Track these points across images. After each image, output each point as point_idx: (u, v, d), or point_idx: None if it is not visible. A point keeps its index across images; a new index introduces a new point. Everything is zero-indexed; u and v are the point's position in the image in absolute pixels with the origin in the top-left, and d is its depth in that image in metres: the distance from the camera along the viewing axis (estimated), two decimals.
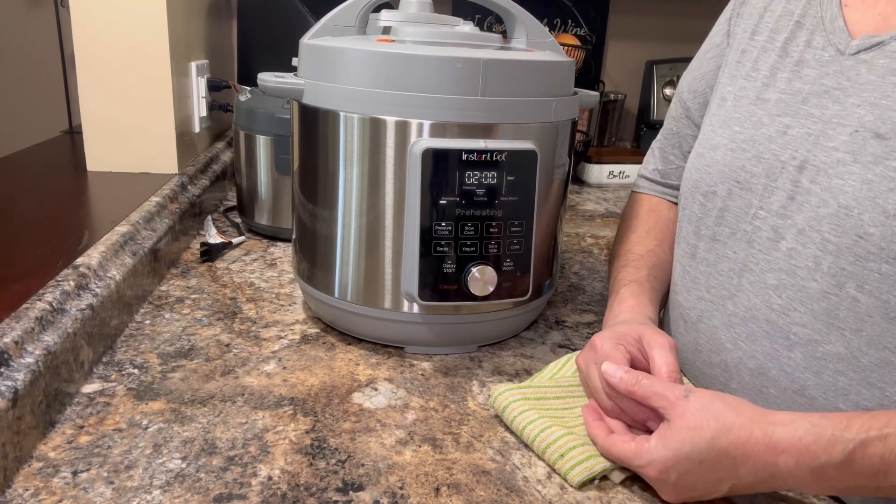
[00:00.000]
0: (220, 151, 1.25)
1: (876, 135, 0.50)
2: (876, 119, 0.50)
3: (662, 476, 0.48)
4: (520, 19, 0.75)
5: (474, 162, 0.62)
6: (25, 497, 0.47)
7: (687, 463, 0.47)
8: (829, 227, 0.52)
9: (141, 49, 0.96)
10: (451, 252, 0.64)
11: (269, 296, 0.82)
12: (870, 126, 0.50)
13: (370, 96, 0.63)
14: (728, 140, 0.61)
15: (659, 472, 0.48)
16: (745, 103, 0.60)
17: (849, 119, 0.52)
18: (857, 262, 0.50)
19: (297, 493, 0.49)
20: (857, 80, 0.52)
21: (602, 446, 0.52)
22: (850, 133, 0.51)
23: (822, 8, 0.57)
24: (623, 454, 0.50)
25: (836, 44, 0.55)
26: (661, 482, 0.49)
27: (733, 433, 0.46)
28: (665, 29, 1.69)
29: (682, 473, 0.47)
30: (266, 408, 0.59)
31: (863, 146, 0.50)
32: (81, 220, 0.83)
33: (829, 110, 0.53)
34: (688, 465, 0.47)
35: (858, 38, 0.53)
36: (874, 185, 0.49)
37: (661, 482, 0.49)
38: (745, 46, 0.63)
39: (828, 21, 0.56)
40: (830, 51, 0.55)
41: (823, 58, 0.55)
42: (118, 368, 0.64)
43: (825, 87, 0.54)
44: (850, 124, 0.52)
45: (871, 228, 0.49)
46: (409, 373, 0.67)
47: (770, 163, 0.56)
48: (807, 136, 0.54)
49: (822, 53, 0.55)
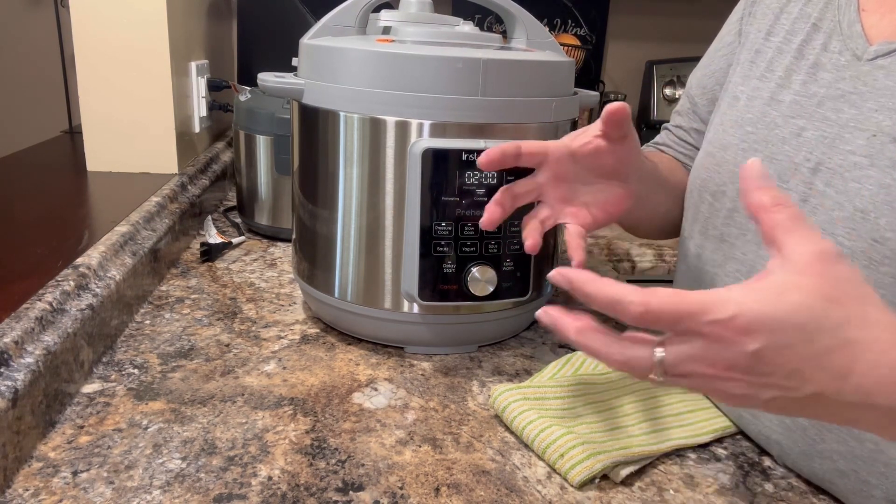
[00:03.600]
0: (220, 151, 1.25)
1: (894, 139, 0.50)
2: (894, 124, 0.50)
3: (741, 338, 0.35)
4: (520, 19, 0.75)
5: (474, 162, 0.62)
6: (25, 497, 0.47)
7: (792, 327, 0.35)
8: (844, 230, 0.52)
9: (141, 49, 0.97)
10: (451, 252, 0.64)
11: (269, 296, 0.82)
12: (888, 131, 0.50)
13: (370, 96, 0.63)
14: (740, 140, 0.60)
15: (739, 332, 0.35)
16: (759, 104, 0.60)
17: (866, 123, 0.52)
18: (872, 266, 0.50)
19: (297, 493, 0.49)
20: (875, 86, 0.52)
21: (613, 348, 0.39)
22: (868, 137, 0.51)
23: (839, 12, 0.57)
24: (678, 308, 0.36)
25: (854, 49, 0.55)
26: (730, 357, 0.36)
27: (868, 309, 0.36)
28: (665, 29, 1.69)
29: (776, 343, 0.35)
30: (266, 408, 0.59)
31: (881, 150, 0.50)
32: (81, 220, 0.82)
33: (846, 114, 0.53)
34: (793, 334, 0.35)
35: (876, 44, 0.53)
36: (892, 189, 0.49)
37: (728, 358, 0.36)
38: (760, 47, 0.63)
39: (845, 26, 0.56)
40: (847, 55, 0.55)
41: (840, 62, 0.55)
42: (118, 368, 0.64)
43: (841, 92, 0.54)
44: (867, 128, 0.51)
45: (888, 233, 0.49)
46: (409, 373, 0.67)
47: (783, 164, 0.56)
48: (822, 139, 0.54)
49: (838, 58, 0.55)
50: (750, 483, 0.53)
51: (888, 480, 0.47)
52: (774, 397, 0.37)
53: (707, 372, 0.37)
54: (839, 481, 0.51)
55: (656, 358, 0.38)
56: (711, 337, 0.36)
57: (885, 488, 0.48)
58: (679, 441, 0.56)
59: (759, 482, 0.54)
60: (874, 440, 0.48)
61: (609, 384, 0.63)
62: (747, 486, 0.53)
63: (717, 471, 0.55)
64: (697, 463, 0.55)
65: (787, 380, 0.36)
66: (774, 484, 0.53)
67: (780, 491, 0.53)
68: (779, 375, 0.36)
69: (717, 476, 0.54)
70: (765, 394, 0.37)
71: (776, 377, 0.36)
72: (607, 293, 0.38)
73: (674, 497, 0.51)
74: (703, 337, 0.36)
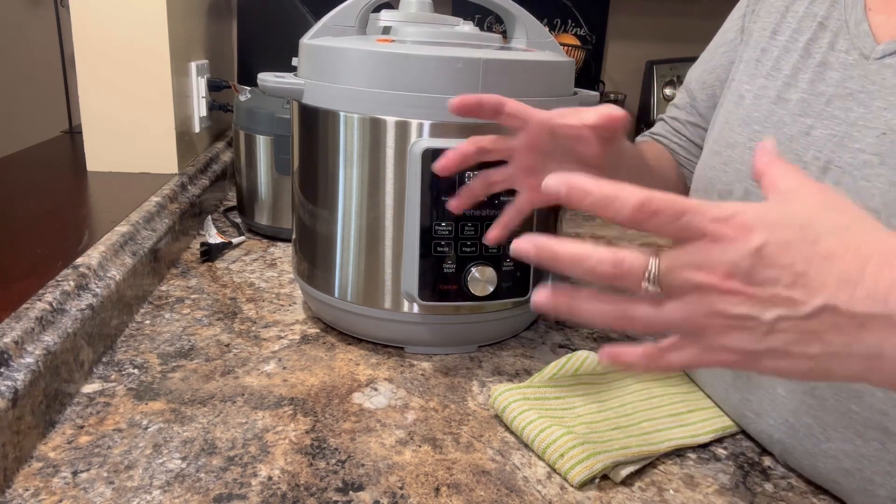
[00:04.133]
0: (220, 151, 1.25)
1: None
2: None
3: (743, 234, 0.33)
4: (520, 19, 0.75)
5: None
6: (25, 497, 0.47)
7: (795, 225, 0.33)
8: None
9: (141, 49, 0.97)
10: (451, 252, 0.64)
11: (269, 296, 0.82)
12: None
13: (370, 96, 0.63)
14: (747, 139, 0.60)
15: (742, 228, 0.33)
16: (766, 102, 0.60)
17: (875, 122, 0.51)
18: None
19: (297, 493, 0.49)
20: (883, 84, 0.52)
21: (603, 251, 0.36)
22: (878, 135, 0.51)
23: (846, 11, 0.57)
24: (682, 203, 0.34)
25: (861, 48, 0.54)
26: (730, 259, 0.33)
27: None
28: (665, 29, 1.69)
29: (778, 240, 0.33)
30: (266, 408, 0.59)
31: (891, 148, 0.50)
32: (81, 220, 0.82)
33: (854, 113, 0.53)
34: (796, 231, 0.33)
35: (884, 43, 0.53)
36: None
37: (728, 261, 0.33)
38: (766, 45, 0.63)
39: (852, 25, 0.56)
40: (854, 54, 0.55)
41: (847, 61, 0.55)
42: (118, 368, 0.64)
43: (849, 90, 0.54)
44: (876, 126, 0.51)
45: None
46: (409, 373, 0.67)
47: (791, 163, 0.56)
48: (831, 138, 0.54)
49: (845, 57, 0.55)
50: (750, 483, 0.53)
51: (893, 479, 0.47)
52: (778, 319, 0.33)
53: (704, 281, 0.34)
54: (844, 481, 0.50)
55: (650, 262, 0.35)
56: (713, 236, 0.33)
57: (889, 487, 0.48)
58: (679, 441, 0.56)
59: (759, 482, 0.54)
60: (879, 439, 0.48)
61: (609, 384, 0.63)
62: (747, 486, 0.53)
63: (717, 471, 0.55)
64: (697, 463, 0.55)
65: (792, 289, 0.33)
66: (774, 484, 0.53)
67: (780, 491, 0.53)
68: (783, 283, 0.33)
69: (717, 476, 0.54)
70: (768, 313, 0.33)
71: (780, 286, 0.33)
72: (603, 190, 0.35)
73: (674, 497, 0.51)
74: (703, 237, 0.34)
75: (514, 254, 0.38)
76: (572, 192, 0.36)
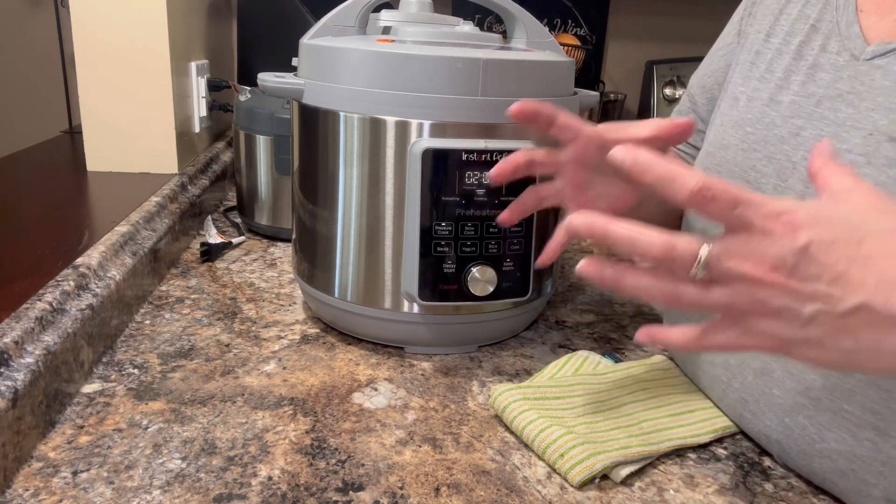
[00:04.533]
0: (220, 151, 1.25)
1: (890, 138, 0.50)
2: (890, 123, 0.50)
3: (792, 231, 0.35)
4: (520, 19, 0.75)
5: (474, 162, 0.62)
6: (25, 497, 0.47)
7: (843, 225, 0.35)
8: None
9: (141, 49, 0.97)
10: (451, 252, 0.64)
11: (269, 296, 0.82)
12: (884, 130, 0.50)
13: (370, 96, 0.63)
14: (740, 140, 0.61)
15: (792, 226, 0.35)
16: (758, 104, 0.60)
17: (863, 123, 0.52)
18: None
19: (297, 493, 0.49)
20: (872, 85, 0.52)
21: (655, 233, 0.38)
22: (864, 136, 0.51)
23: (837, 13, 0.57)
24: (739, 193, 0.36)
25: (852, 49, 0.55)
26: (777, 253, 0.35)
27: None
28: (665, 29, 1.69)
29: (824, 239, 0.35)
30: (266, 408, 0.59)
31: (876, 149, 0.50)
32: (81, 220, 0.82)
33: (843, 113, 0.53)
34: (844, 231, 0.35)
35: (874, 44, 0.53)
36: (887, 187, 0.49)
37: (774, 254, 0.35)
38: (760, 48, 0.63)
39: (843, 26, 0.56)
40: (845, 56, 0.55)
41: (838, 62, 0.55)
42: (118, 368, 0.64)
43: (839, 91, 0.54)
44: (864, 128, 0.52)
45: None
46: (409, 373, 0.67)
47: (781, 163, 0.57)
48: (819, 138, 0.54)
49: (836, 58, 0.56)
50: (750, 483, 0.53)
51: (886, 479, 0.48)
52: (816, 313, 0.35)
53: (750, 272, 0.36)
54: (839, 481, 0.51)
55: (702, 248, 0.37)
56: (763, 230, 0.35)
57: (883, 487, 0.48)
58: (679, 441, 0.56)
59: (759, 482, 0.54)
60: (872, 439, 0.48)
61: (609, 384, 0.63)
62: (747, 486, 0.53)
63: (717, 471, 0.55)
64: (697, 463, 0.55)
65: (832, 286, 0.34)
66: (774, 484, 0.53)
67: (780, 491, 0.53)
68: (824, 280, 0.35)
69: (717, 476, 0.54)
70: (807, 307, 0.35)
71: (821, 283, 0.35)
72: (666, 169, 0.37)
73: (674, 497, 0.51)
74: (754, 230, 0.36)
75: (567, 226, 0.41)
76: (637, 165, 0.38)
